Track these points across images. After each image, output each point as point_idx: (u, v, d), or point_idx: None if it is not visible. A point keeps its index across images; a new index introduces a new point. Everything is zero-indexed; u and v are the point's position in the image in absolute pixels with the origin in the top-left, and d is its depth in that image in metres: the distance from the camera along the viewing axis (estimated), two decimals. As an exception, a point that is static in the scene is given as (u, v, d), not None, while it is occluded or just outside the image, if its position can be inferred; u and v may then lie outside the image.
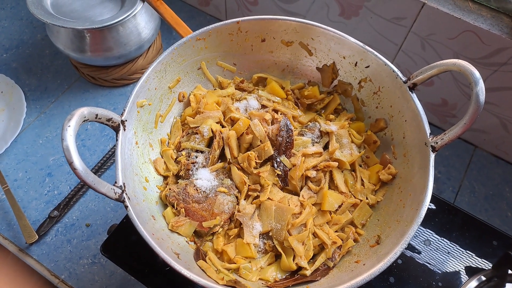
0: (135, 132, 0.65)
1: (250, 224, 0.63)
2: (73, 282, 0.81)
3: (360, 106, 0.77)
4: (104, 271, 0.82)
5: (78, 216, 0.87)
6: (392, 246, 0.56)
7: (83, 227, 0.86)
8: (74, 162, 0.48)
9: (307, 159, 0.69)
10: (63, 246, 0.84)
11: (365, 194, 0.69)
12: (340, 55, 0.74)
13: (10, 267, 0.87)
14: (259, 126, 0.68)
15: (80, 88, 1.04)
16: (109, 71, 1.00)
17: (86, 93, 1.05)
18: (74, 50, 0.95)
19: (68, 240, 0.84)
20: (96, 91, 1.04)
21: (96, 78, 1.04)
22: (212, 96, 0.75)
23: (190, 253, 0.63)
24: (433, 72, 0.63)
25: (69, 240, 0.84)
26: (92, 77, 1.03)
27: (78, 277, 0.82)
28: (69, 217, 0.87)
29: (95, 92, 1.04)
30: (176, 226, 0.64)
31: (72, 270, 0.82)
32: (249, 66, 0.81)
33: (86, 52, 0.93)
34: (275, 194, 0.66)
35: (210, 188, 0.67)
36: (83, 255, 0.83)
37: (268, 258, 0.63)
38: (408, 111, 0.66)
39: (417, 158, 0.64)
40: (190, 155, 0.70)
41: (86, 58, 0.95)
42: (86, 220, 0.87)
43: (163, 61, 0.69)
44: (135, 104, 0.64)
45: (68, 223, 0.86)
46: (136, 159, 0.65)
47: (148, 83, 0.67)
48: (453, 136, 0.60)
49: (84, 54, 0.94)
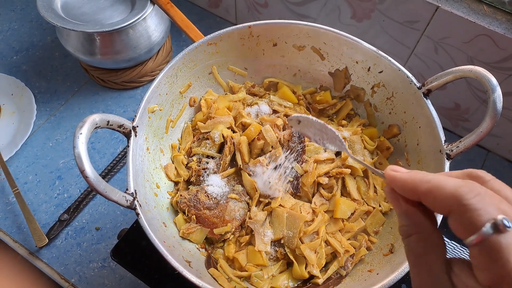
0: (146, 137, 0.65)
1: (262, 231, 0.63)
2: (83, 286, 0.81)
3: (373, 112, 0.77)
4: (114, 275, 0.82)
5: (88, 220, 0.87)
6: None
7: (93, 231, 0.86)
8: (86, 170, 0.48)
9: (319, 165, 0.68)
10: (73, 249, 0.84)
11: (378, 201, 0.68)
12: (353, 60, 0.74)
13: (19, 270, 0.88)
14: (270, 131, 0.68)
15: (89, 91, 1.04)
16: (119, 73, 1.01)
17: (96, 96, 1.05)
18: (84, 53, 0.95)
19: (78, 243, 0.84)
20: (105, 93, 1.05)
21: (106, 81, 1.04)
22: (223, 101, 0.75)
23: (201, 261, 0.63)
24: (449, 79, 0.62)
25: (79, 243, 0.84)
26: (102, 79, 1.04)
27: (88, 280, 0.82)
28: (79, 220, 0.87)
29: (104, 95, 1.05)
30: (187, 233, 0.64)
31: (82, 274, 0.82)
32: (260, 70, 0.80)
33: (96, 55, 0.94)
34: (287, 201, 0.65)
35: (221, 194, 0.66)
36: (93, 259, 0.83)
37: (279, 266, 0.63)
38: (422, 117, 0.66)
39: (432, 165, 0.63)
40: (201, 160, 0.70)
41: (96, 61, 0.95)
42: (96, 224, 0.86)
43: (174, 66, 0.69)
44: (146, 109, 0.64)
45: (78, 226, 0.86)
46: (147, 165, 0.65)
47: (159, 89, 0.67)
48: (469, 144, 0.59)
49: (94, 57, 0.93)
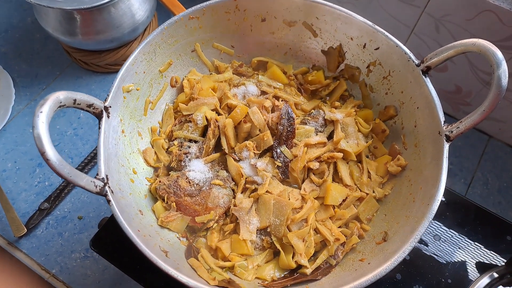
0: (121, 119, 0.62)
1: (247, 219, 0.61)
2: (65, 277, 0.79)
3: (368, 92, 0.74)
4: (97, 265, 0.80)
5: (70, 208, 0.85)
6: (400, 244, 0.53)
7: (75, 220, 0.84)
8: (46, 152, 0.44)
9: (310, 149, 0.66)
10: (54, 239, 0.82)
11: (372, 187, 0.67)
12: (348, 36, 0.71)
13: (-3, 261, 0.85)
14: (258, 114, 0.66)
15: (72, 74, 1.01)
16: (102, 56, 0.96)
17: (79, 80, 1.01)
18: (63, 33, 0.90)
19: (59, 233, 0.82)
20: (89, 77, 1.01)
21: (89, 64, 1.00)
22: (207, 81, 0.72)
23: (181, 250, 0.60)
24: (450, 54, 0.58)
25: (60, 233, 0.82)
26: (85, 62, 0.99)
27: (70, 271, 0.79)
28: (61, 209, 0.84)
29: (88, 79, 1.01)
30: (166, 222, 0.61)
31: (63, 264, 0.80)
32: (248, 48, 0.77)
33: (76, 36, 0.89)
34: (275, 187, 0.63)
35: (204, 180, 0.64)
36: (75, 249, 0.81)
37: (265, 256, 0.61)
38: (421, 97, 0.63)
39: (430, 149, 0.61)
40: (182, 145, 0.67)
41: (76, 42, 0.91)
42: (78, 213, 0.84)
43: (152, 42, 0.65)
44: (121, 89, 0.61)
45: (59, 215, 0.84)
46: (122, 149, 0.61)
47: (135, 66, 0.64)
48: (470, 124, 0.56)
49: (74, 37, 0.89)
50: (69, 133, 0.93)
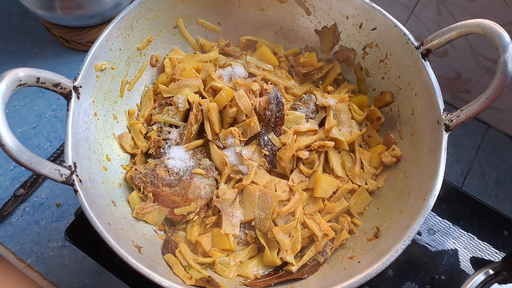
0: (93, 101, 0.59)
1: (230, 211, 0.59)
2: (41, 267, 0.76)
3: (364, 77, 0.72)
4: (75, 255, 0.77)
5: (47, 195, 0.82)
6: (392, 242, 0.51)
7: (53, 207, 0.81)
8: (1, 136, 0.39)
9: (300, 137, 0.64)
10: (30, 227, 0.79)
11: (365, 178, 0.65)
12: (343, 15, 0.68)
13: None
14: (244, 97, 0.63)
15: (52, 52, 0.97)
16: (83, 32, 0.93)
17: (59, 58, 0.97)
18: (41, 8, 0.85)
19: (35, 221, 0.79)
20: (70, 55, 0.98)
21: (70, 41, 0.96)
22: (191, 61, 0.70)
23: (158, 245, 0.57)
24: (452, 36, 0.56)
25: (36, 221, 0.79)
26: (65, 39, 0.96)
27: (47, 261, 0.76)
28: (37, 195, 0.81)
29: (69, 57, 0.98)
30: (142, 214, 0.58)
31: (39, 254, 0.77)
32: (236, 26, 0.74)
33: (55, 10, 0.85)
34: (261, 177, 0.61)
35: (184, 169, 0.61)
36: (52, 238, 0.78)
37: (249, 251, 0.59)
38: (419, 82, 0.61)
39: (427, 139, 0.59)
40: (162, 130, 0.64)
41: (56, 17, 0.88)
42: (57, 200, 0.81)
43: (129, 16, 0.62)
44: (93, 67, 0.58)
45: (36, 202, 0.81)
46: (94, 134, 0.58)
47: (110, 42, 0.61)
48: (471, 113, 0.54)
49: (53, 12, 0.85)
50: (47, 115, 0.89)
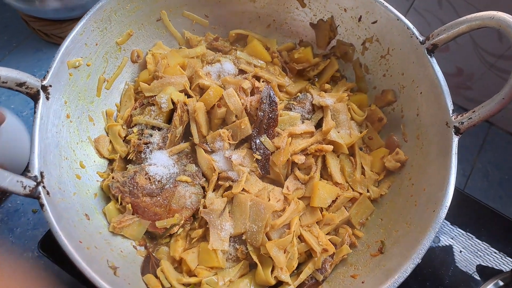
0: (65, 101, 0.55)
1: (219, 224, 0.56)
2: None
3: (363, 74, 0.71)
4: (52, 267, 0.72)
5: (23, 200, 0.79)
6: (400, 260, 0.48)
7: (29, 214, 0.78)
8: None
9: (295, 140, 0.62)
10: (3, 236, 0.76)
11: (366, 185, 0.64)
12: (341, 7, 0.67)
13: None
14: (234, 96, 0.61)
15: (31, 47, 0.95)
16: (64, 26, 0.92)
17: (39, 53, 0.96)
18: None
19: (9, 229, 0.76)
20: (50, 50, 0.96)
21: (49, 35, 0.95)
22: (175, 57, 0.68)
23: (137, 263, 0.54)
24: (462, 29, 0.55)
25: (11, 229, 0.76)
26: (45, 33, 0.95)
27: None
28: (12, 201, 0.78)
29: (49, 52, 0.96)
30: (119, 227, 0.54)
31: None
32: (225, 19, 0.73)
33: (33, 2, 0.84)
34: (253, 184, 0.60)
35: (167, 176, 0.58)
36: (27, 247, 0.74)
37: (239, 269, 0.57)
38: (425, 80, 0.59)
39: (435, 142, 0.57)
40: (143, 132, 0.62)
41: (34, 10, 0.86)
42: (33, 206, 0.78)
43: (106, 7, 0.60)
44: (65, 63, 0.55)
45: (10, 208, 0.78)
46: (66, 138, 0.55)
47: (84, 36, 0.58)
48: (485, 114, 0.53)
49: (30, 4, 0.83)
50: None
